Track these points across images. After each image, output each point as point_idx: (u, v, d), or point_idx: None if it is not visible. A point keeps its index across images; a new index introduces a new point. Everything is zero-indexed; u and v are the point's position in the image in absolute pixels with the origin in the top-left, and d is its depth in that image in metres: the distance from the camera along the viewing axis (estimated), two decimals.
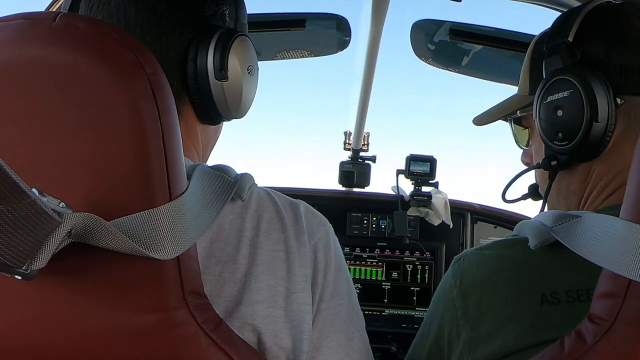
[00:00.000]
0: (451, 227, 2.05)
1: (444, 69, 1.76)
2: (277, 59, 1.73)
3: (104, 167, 0.52)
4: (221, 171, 0.68)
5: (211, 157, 0.91)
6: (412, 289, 2.00)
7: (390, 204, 2.07)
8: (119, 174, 0.52)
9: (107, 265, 0.54)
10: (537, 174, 0.95)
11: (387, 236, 2.06)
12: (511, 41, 1.50)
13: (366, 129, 2.11)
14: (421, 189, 2.07)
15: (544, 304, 0.68)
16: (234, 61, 0.78)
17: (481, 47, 1.59)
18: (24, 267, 0.45)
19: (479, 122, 1.07)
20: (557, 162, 0.83)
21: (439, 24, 1.58)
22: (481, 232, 2.12)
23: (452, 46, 1.63)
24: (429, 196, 2.04)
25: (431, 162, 2.06)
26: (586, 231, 0.60)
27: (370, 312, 1.98)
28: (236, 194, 0.68)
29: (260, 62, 0.86)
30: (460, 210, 2.10)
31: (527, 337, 0.68)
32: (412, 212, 2.07)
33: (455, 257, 0.82)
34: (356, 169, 2.17)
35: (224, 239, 0.68)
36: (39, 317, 0.55)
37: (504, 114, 1.00)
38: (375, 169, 2.19)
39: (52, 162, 0.53)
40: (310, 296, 0.71)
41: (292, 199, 0.78)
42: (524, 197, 1.01)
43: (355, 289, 0.81)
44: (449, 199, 2.06)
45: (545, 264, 0.71)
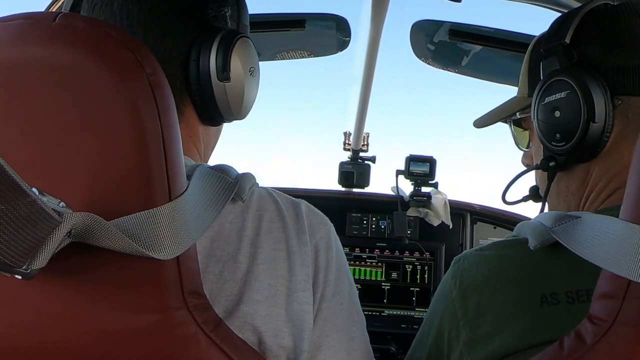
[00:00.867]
0: (451, 227, 2.05)
1: (443, 70, 1.76)
2: (277, 59, 1.73)
3: (103, 167, 0.52)
4: (222, 171, 0.68)
5: (213, 157, 0.91)
6: (411, 289, 2.00)
7: (389, 205, 2.07)
8: (119, 173, 0.53)
9: (106, 265, 0.54)
10: (537, 175, 0.95)
11: (387, 236, 2.06)
12: (511, 42, 1.50)
13: (366, 130, 2.11)
14: (421, 190, 2.07)
15: (544, 305, 0.68)
16: (236, 62, 0.78)
17: (481, 47, 1.59)
18: (24, 267, 0.45)
19: (479, 125, 1.07)
20: (555, 163, 0.83)
21: (438, 24, 1.58)
22: (481, 232, 2.12)
23: (451, 46, 1.63)
24: (428, 197, 2.04)
25: (431, 162, 2.06)
26: (586, 232, 0.60)
27: (369, 313, 1.98)
28: (236, 195, 0.68)
29: (260, 63, 0.86)
30: (459, 210, 2.10)
31: (526, 337, 0.68)
32: (411, 212, 2.07)
33: (455, 258, 0.82)
34: (356, 170, 2.17)
35: (225, 238, 0.68)
36: (38, 317, 0.55)
37: (503, 116, 1.00)
38: (374, 170, 2.19)
39: (52, 161, 0.53)
40: (311, 295, 0.71)
41: (294, 199, 0.78)
42: (525, 198, 1.01)
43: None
44: (449, 200, 2.06)
45: (545, 264, 0.71)
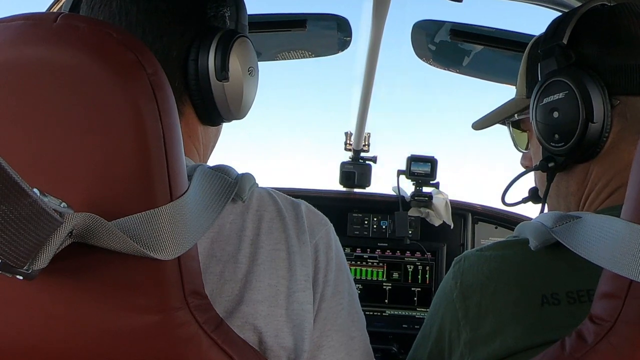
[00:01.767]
0: (452, 227, 2.05)
1: (445, 70, 1.76)
2: (278, 60, 1.74)
3: (105, 167, 0.52)
4: (222, 172, 0.68)
5: (212, 157, 0.91)
6: (412, 289, 2.00)
7: (391, 205, 2.07)
8: (120, 174, 0.53)
9: (108, 265, 0.54)
10: (536, 176, 0.95)
11: (388, 237, 2.06)
12: (512, 42, 1.50)
13: (367, 130, 2.11)
14: (422, 190, 2.07)
15: (545, 305, 0.68)
16: (234, 62, 0.78)
17: (482, 47, 1.59)
18: (25, 267, 0.45)
19: (477, 127, 1.08)
20: (554, 164, 0.83)
21: (439, 24, 1.58)
22: (482, 232, 2.11)
23: (453, 46, 1.63)
24: (429, 197, 2.04)
25: (432, 162, 2.06)
26: (587, 232, 0.60)
27: (371, 313, 1.98)
28: (237, 195, 0.68)
29: (261, 63, 0.87)
30: (461, 210, 2.10)
31: (527, 338, 0.68)
32: (413, 212, 2.06)
33: (455, 258, 0.82)
34: (357, 170, 2.17)
35: (225, 239, 0.69)
36: (40, 317, 0.55)
37: (502, 118, 1.01)
38: (376, 170, 2.19)
39: (54, 162, 0.53)
40: (311, 295, 0.71)
41: (293, 199, 0.78)
42: (524, 200, 1.01)
43: (356, 289, 0.81)
44: (450, 200, 2.06)
45: (545, 264, 0.71)
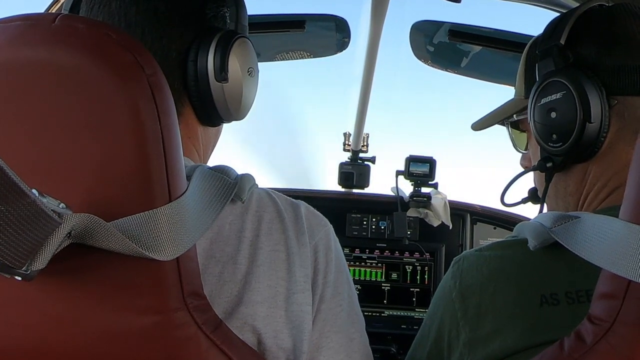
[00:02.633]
0: (451, 228, 2.05)
1: (443, 70, 1.76)
2: (276, 60, 1.74)
3: (103, 168, 0.52)
4: (221, 172, 0.68)
5: (212, 157, 0.91)
6: (411, 290, 2.00)
7: (389, 205, 2.07)
8: (119, 174, 0.53)
9: (106, 266, 0.54)
10: (535, 176, 0.95)
11: (387, 237, 2.06)
12: (511, 42, 1.50)
13: (365, 130, 2.11)
14: (421, 190, 2.07)
15: (544, 305, 0.68)
16: (234, 63, 0.78)
17: (481, 48, 1.59)
18: (24, 268, 0.45)
19: (477, 128, 1.08)
20: (552, 164, 0.84)
21: (438, 25, 1.58)
22: (481, 233, 2.11)
23: (451, 47, 1.63)
24: (428, 197, 2.04)
25: (430, 163, 2.06)
26: (585, 232, 0.60)
27: (369, 313, 1.98)
28: (236, 196, 0.68)
29: (259, 63, 0.86)
30: (459, 211, 2.10)
31: (526, 338, 0.68)
32: (411, 213, 2.07)
33: (454, 259, 0.82)
34: (356, 170, 2.17)
35: (224, 240, 0.68)
36: (38, 318, 0.55)
37: (500, 118, 1.01)
38: (374, 170, 2.19)
39: (52, 163, 0.53)
40: (310, 297, 0.71)
41: (293, 200, 0.78)
42: (524, 200, 1.01)
43: (355, 290, 0.81)
44: (449, 200, 2.06)
45: (544, 265, 0.71)
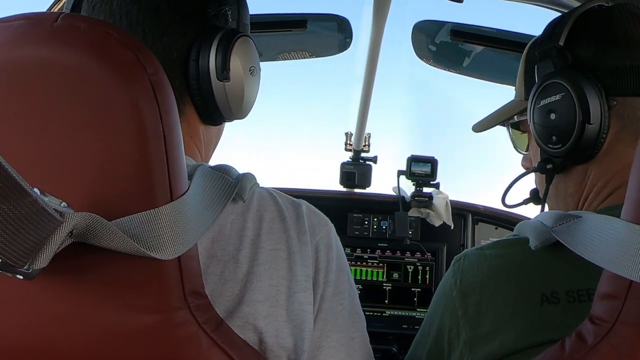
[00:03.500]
0: (452, 228, 2.05)
1: (445, 70, 1.76)
2: (278, 60, 1.74)
3: (105, 167, 0.52)
4: (223, 171, 0.68)
5: (214, 157, 0.91)
6: (413, 289, 2.00)
7: (391, 205, 2.07)
8: (121, 174, 0.53)
9: (108, 265, 0.54)
10: (536, 178, 0.95)
11: (388, 237, 2.06)
12: (513, 42, 1.50)
13: (367, 130, 2.11)
14: (422, 190, 2.07)
15: (544, 304, 0.68)
16: (235, 62, 0.77)
17: (483, 48, 1.59)
18: (25, 267, 0.45)
19: (478, 129, 1.08)
20: (552, 166, 0.84)
21: (440, 24, 1.57)
22: (482, 233, 2.11)
23: (453, 47, 1.63)
24: (430, 197, 2.04)
25: (432, 163, 2.06)
26: (587, 231, 0.60)
27: (371, 313, 1.98)
28: (237, 195, 0.68)
29: (261, 63, 0.86)
30: (461, 211, 2.10)
31: (527, 337, 0.68)
32: (413, 213, 2.07)
33: (455, 257, 0.82)
34: (357, 170, 2.17)
35: (226, 239, 0.68)
36: (40, 317, 0.55)
37: (501, 120, 1.01)
38: (376, 170, 2.19)
39: (54, 161, 0.53)
40: (311, 296, 0.71)
41: (294, 199, 0.78)
42: (525, 201, 1.01)
43: (356, 289, 0.81)
44: (450, 200, 2.06)
45: (545, 264, 0.71)
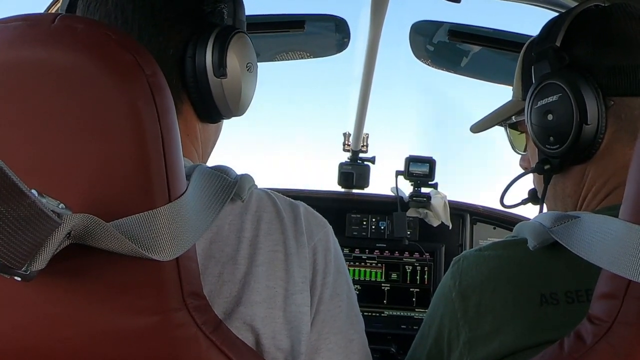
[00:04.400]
0: (450, 228, 2.05)
1: (443, 70, 1.76)
2: (276, 60, 1.74)
3: (103, 169, 0.52)
4: (221, 172, 0.68)
5: (211, 158, 0.91)
6: (411, 290, 2.00)
7: (389, 205, 2.07)
8: (119, 175, 0.53)
9: (106, 266, 0.54)
10: (534, 178, 0.95)
11: (387, 237, 2.06)
12: (510, 42, 1.50)
13: (365, 130, 2.11)
14: (420, 190, 2.07)
15: (543, 305, 0.68)
16: (232, 58, 0.77)
17: (480, 48, 1.59)
18: (23, 268, 0.45)
19: (475, 130, 1.08)
20: (550, 166, 0.84)
21: (438, 25, 1.58)
22: (480, 233, 2.12)
23: (451, 47, 1.63)
24: (428, 197, 2.04)
25: (430, 163, 2.06)
26: (585, 232, 0.60)
27: (369, 313, 1.98)
28: (236, 194, 0.68)
29: (259, 64, 0.86)
30: (459, 211, 2.10)
31: (526, 337, 0.68)
32: (411, 213, 2.07)
33: (454, 259, 0.82)
34: (355, 170, 2.17)
35: (224, 240, 0.68)
36: (38, 319, 0.55)
37: (499, 120, 1.01)
38: (374, 170, 2.19)
39: (52, 163, 0.53)
40: (308, 298, 0.70)
41: (292, 200, 0.78)
42: (524, 201, 1.01)
43: (354, 290, 0.81)
44: (448, 200, 2.06)
45: (544, 264, 0.71)
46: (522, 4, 1.32)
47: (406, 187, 2.11)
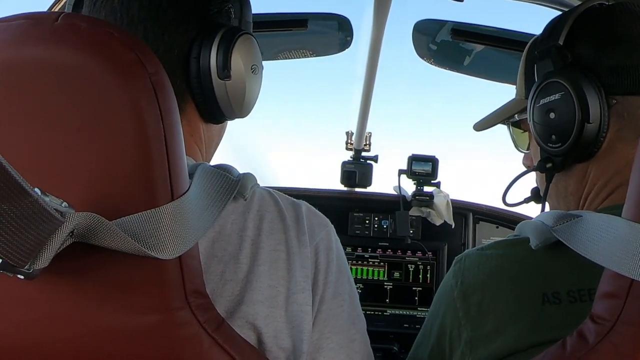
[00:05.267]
0: (453, 227, 2.05)
1: (446, 69, 1.76)
2: (279, 59, 1.73)
3: (106, 167, 0.52)
4: (223, 170, 0.68)
5: (214, 158, 0.91)
6: (414, 289, 2.00)
7: (392, 204, 2.07)
8: (121, 173, 0.53)
9: (109, 265, 0.54)
10: (537, 176, 0.95)
11: (389, 236, 2.06)
12: (514, 41, 1.50)
13: (368, 129, 2.11)
14: (423, 189, 2.07)
15: (546, 304, 0.68)
16: (237, 60, 0.77)
17: (483, 47, 1.58)
18: (26, 267, 0.45)
19: (479, 128, 1.08)
20: (552, 165, 0.83)
21: (441, 23, 1.57)
22: (483, 232, 2.11)
23: (454, 46, 1.62)
24: (430, 196, 2.04)
25: (433, 162, 2.05)
26: (588, 231, 0.60)
27: (372, 312, 1.98)
28: (239, 193, 0.68)
29: (263, 62, 0.86)
30: (462, 210, 2.10)
31: (528, 337, 0.68)
32: (414, 212, 2.06)
33: (456, 258, 0.82)
34: (358, 169, 2.17)
35: (226, 239, 0.68)
36: (41, 317, 0.55)
37: (502, 118, 1.01)
38: (377, 169, 2.19)
39: (55, 161, 0.53)
40: (310, 297, 0.70)
41: (294, 199, 0.78)
42: (526, 200, 1.01)
43: (357, 289, 0.81)
44: (451, 199, 2.05)
45: (546, 263, 0.71)
46: (525, 3, 1.31)
47: (409, 186, 2.11)
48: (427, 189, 2.07)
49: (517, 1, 1.33)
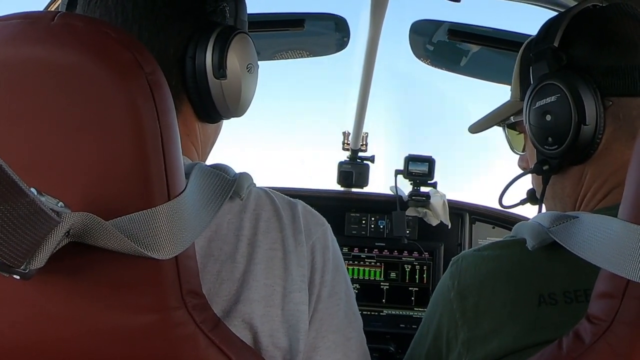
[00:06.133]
0: (449, 227, 2.05)
1: (442, 70, 1.76)
2: (275, 59, 1.73)
3: (102, 167, 0.52)
4: (220, 170, 0.68)
5: (210, 157, 0.91)
6: (410, 289, 2.00)
7: (388, 204, 2.07)
8: (118, 173, 0.52)
9: (105, 265, 0.54)
10: (533, 178, 0.95)
11: (386, 236, 2.06)
12: (510, 41, 1.50)
13: (365, 129, 2.11)
14: (420, 189, 2.07)
15: (542, 305, 0.68)
16: (233, 59, 0.77)
17: (480, 47, 1.59)
18: (22, 267, 0.45)
19: (474, 130, 1.08)
20: (548, 167, 0.84)
21: (437, 24, 1.58)
22: (480, 232, 2.12)
23: (450, 47, 1.63)
24: (427, 196, 2.04)
25: (430, 162, 2.05)
26: (584, 232, 0.60)
27: (368, 312, 1.98)
28: (235, 193, 0.68)
29: (259, 62, 0.86)
30: (458, 210, 2.10)
31: (525, 337, 0.68)
32: (410, 212, 2.06)
33: (453, 258, 0.82)
34: (355, 169, 2.17)
35: (223, 238, 0.68)
36: (36, 317, 0.55)
37: (497, 121, 1.01)
38: (373, 169, 2.19)
39: (51, 161, 0.53)
40: (306, 296, 0.70)
41: (290, 199, 0.78)
42: (522, 202, 1.01)
43: (353, 289, 0.81)
44: (448, 199, 2.06)
45: (543, 264, 0.71)
46: (521, 4, 1.32)
47: (405, 186, 2.11)
48: (423, 189, 2.07)
49: (513, 2, 1.33)
